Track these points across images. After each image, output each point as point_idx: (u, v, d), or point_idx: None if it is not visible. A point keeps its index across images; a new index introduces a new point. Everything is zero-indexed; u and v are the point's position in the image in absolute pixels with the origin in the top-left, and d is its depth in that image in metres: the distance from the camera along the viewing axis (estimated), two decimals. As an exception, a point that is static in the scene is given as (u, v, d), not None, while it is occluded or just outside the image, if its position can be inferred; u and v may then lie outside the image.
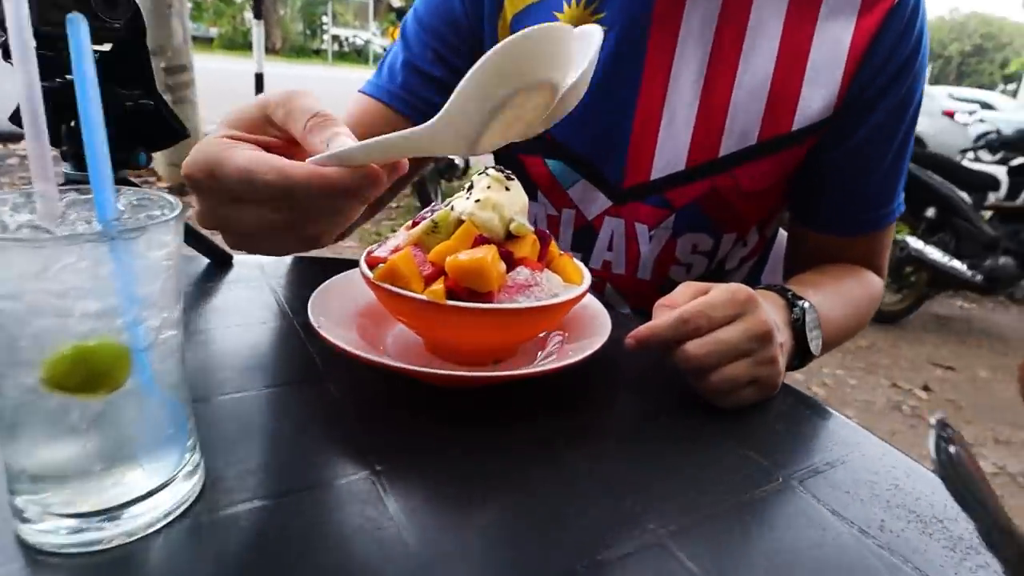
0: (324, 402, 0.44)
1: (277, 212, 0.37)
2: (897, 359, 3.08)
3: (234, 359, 0.49)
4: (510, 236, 0.46)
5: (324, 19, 23.75)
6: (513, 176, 0.48)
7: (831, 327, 0.62)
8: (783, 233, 0.88)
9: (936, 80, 44.32)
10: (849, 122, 0.68)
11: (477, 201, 0.45)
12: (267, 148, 0.38)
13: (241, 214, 0.38)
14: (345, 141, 0.35)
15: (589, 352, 0.45)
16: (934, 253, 3.38)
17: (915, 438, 2.29)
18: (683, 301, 0.49)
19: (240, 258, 0.72)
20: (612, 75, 0.70)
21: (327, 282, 0.52)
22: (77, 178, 0.54)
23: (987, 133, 4.19)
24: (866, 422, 1.98)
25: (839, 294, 0.68)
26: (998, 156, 4.10)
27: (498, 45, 0.30)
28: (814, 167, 0.72)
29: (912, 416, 2.47)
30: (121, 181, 0.47)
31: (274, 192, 0.35)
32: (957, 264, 3.38)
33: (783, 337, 0.52)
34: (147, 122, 0.57)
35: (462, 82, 0.31)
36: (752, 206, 0.73)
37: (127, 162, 0.54)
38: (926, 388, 2.76)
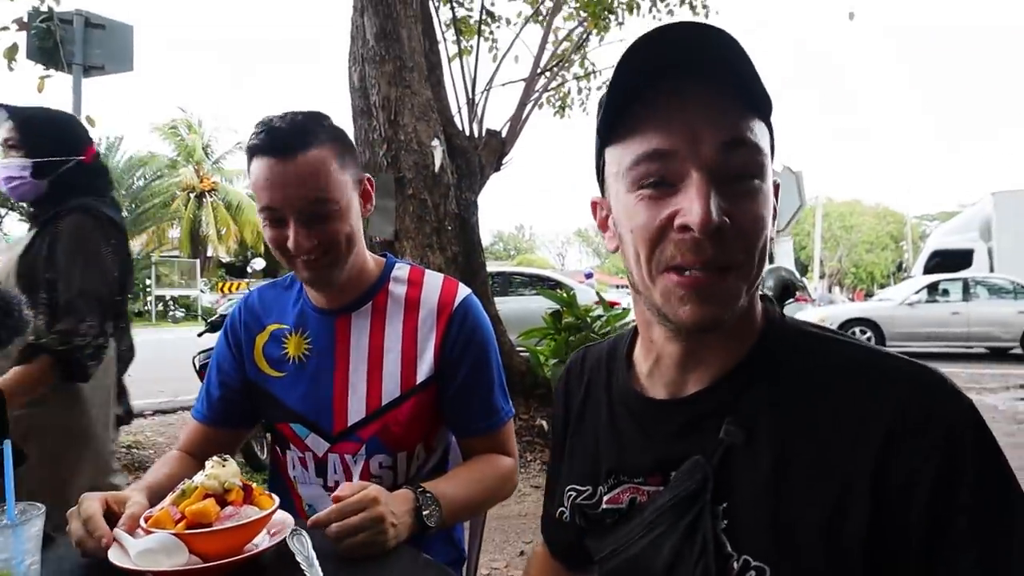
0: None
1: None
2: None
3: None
4: (227, 490, 0.88)
5: (148, 281, 23.76)
6: (228, 457, 0.92)
7: (453, 499, 1.10)
8: None
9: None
10: (449, 373, 1.23)
11: (206, 475, 0.88)
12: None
13: None
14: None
15: (267, 545, 0.87)
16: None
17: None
18: (346, 493, 0.94)
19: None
20: (317, 371, 1.23)
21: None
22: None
23: None
24: None
25: (466, 476, 1.20)
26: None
27: None
28: (444, 402, 1.24)
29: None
30: None
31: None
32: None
33: (398, 519, 0.97)
34: None
35: None
36: (407, 433, 1.23)
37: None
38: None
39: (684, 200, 0.61)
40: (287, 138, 1.09)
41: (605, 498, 0.77)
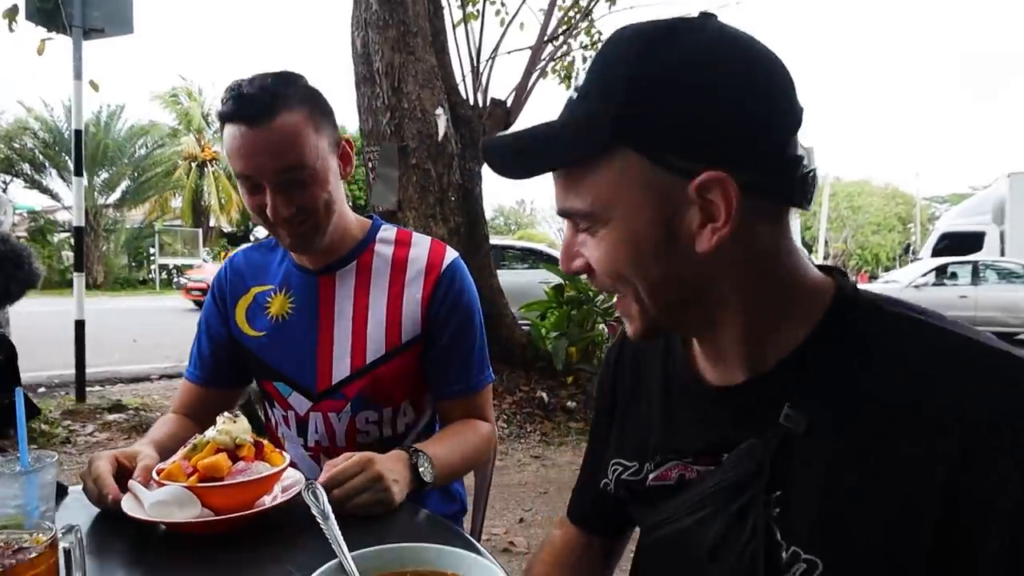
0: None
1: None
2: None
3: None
4: (238, 446, 0.89)
5: (151, 250, 23.75)
6: (239, 414, 0.92)
7: (444, 460, 1.11)
8: None
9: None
10: (435, 334, 1.23)
11: (218, 430, 0.88)
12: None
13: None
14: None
15: (279, 500, 0.87)
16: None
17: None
18: (338, 462, 0.95)
19: (73, 488, 1.05)
20: (300, 330, 1.23)
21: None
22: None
23: None
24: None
25: (451, 439, 1.21)
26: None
27: None
28: (426, 362, 1.25)
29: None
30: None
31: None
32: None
33: (397, 475, 0.98)
34: (12, 408, 0.94)
35: None
36: (394, 390, 1.24)
37: (4, 434, 0.91)
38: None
39: None
40: (256, 104, 1.05)
41: (651, 475, 0.76)
